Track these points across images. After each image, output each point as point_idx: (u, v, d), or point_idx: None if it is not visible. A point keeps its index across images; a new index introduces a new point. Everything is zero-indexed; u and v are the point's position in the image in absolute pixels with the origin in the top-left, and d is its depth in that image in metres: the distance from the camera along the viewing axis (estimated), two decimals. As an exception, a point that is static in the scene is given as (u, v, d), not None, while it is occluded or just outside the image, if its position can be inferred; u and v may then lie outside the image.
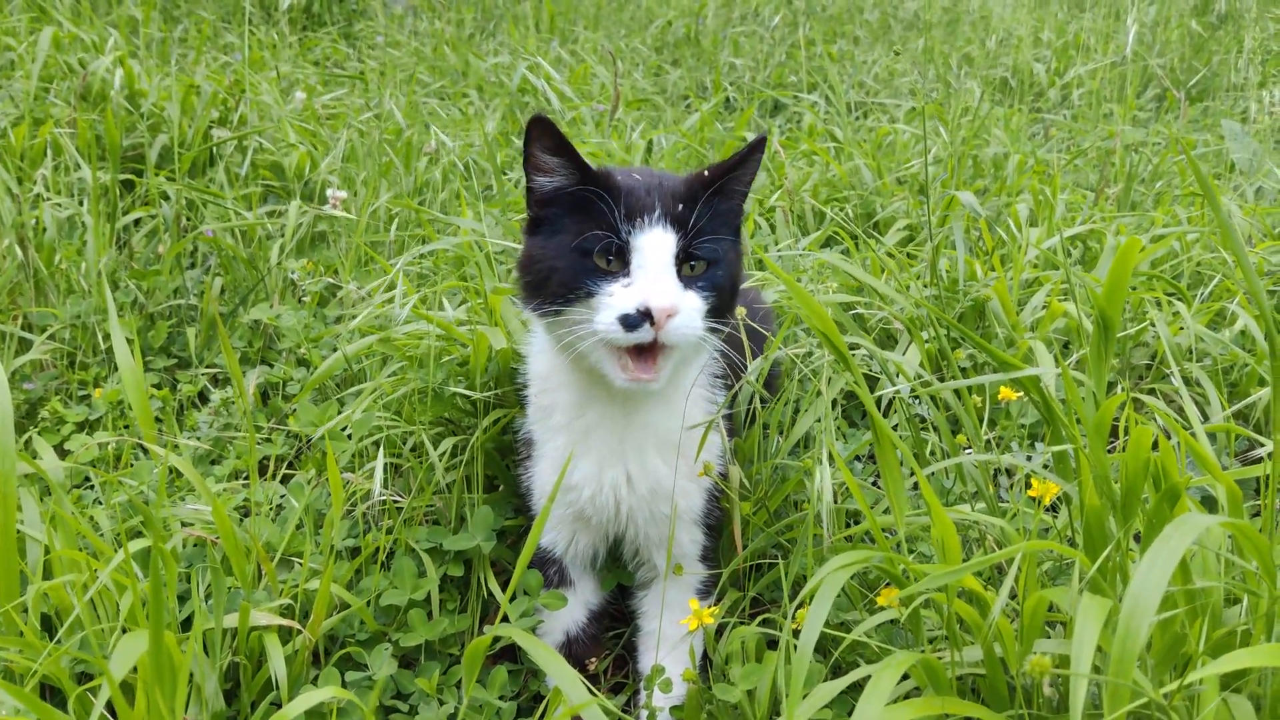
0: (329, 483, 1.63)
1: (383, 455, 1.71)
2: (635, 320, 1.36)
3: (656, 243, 1.40)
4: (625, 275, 1.40)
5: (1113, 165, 3.36)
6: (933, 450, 1.89)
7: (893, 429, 2.04)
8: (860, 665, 1.34)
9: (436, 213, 2.77)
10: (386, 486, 1.86)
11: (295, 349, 2.32)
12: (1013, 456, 1.46)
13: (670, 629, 1.66)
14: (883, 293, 1.92)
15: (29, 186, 2.90)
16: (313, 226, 2.85)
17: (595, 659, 1.72)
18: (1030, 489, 1.39)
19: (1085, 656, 1.00)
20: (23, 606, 1.43)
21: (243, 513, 1.84)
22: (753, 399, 1.82)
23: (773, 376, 1.95)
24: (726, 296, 1.49)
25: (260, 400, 2.29)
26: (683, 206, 1.42)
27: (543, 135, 1.41)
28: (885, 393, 1.61)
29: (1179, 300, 2.31)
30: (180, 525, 1.66)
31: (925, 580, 1.10)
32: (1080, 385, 1.47)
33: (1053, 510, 1.94)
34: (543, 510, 1.39)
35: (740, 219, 1.55)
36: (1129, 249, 1.34)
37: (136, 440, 1.89)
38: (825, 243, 2.86)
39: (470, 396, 1.83)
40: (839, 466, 1.43)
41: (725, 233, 1.48)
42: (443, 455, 1.78)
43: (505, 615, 1.50)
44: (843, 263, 1.61)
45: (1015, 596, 1.41)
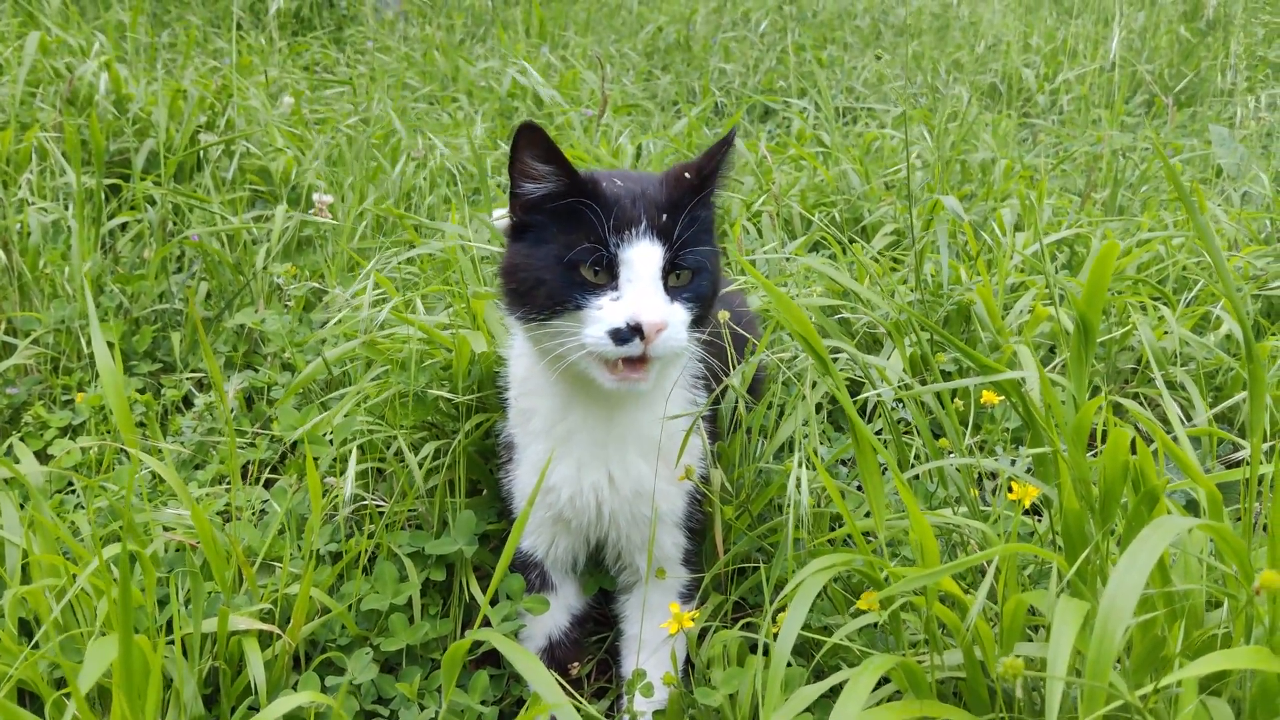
0: (310, 487, 1.63)
1: (354, 460, 1.70)
2: (625, 335, 1.37)
3: (644, 256, 1.41)
4: (613, 289, 1.41)
5: (1099, 170, 3.36)
6: (916, 455, 1.89)
7: (876, 434, 2.05)
8: (842, 670, 1.34)
9: (422, 218, 2.76)
10: (369, 491, 1.86)
11: (280, 353, 2.32)
12: (994, 460, 1.46)
13: (652, 633, 1.66)
14: (865, 297, 1.92)
15: (13, 191, 2.89)
16: (299, 231, 2.84)
17: (577, 664, 1.71)
18: (1011, 493, 1.39)
19: (1062, 658, 1.00)
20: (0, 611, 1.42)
21: (225, 518, 1.84)
22: (737, 403, 1.82)
23: (757, 381, 1.95)
24: (708, 304, 1.51)
25: (245, 405, 2.29)
26: (667, 217, 1.42)
27: (532, 142, 1.40)
28: (867, 395, 1.61)
29: (1164, 305, 2.31)
30: (161, 530, 1.66)
31: (903, 582, 1.10)
32: (1060, 389, 1.47)
33: (1036, 513, 1.94)
34: (521, 513, 1.38)
35: (713, 218, 1.56)
36: (1108, 252, 1.34)
37: (118, 446, 1.88)
38: (812, 247, 2.86)
39: (453, 400, 1.83)
40: (818, 469, 1.43)
41: (706, 238, 1.49)
42: (425, 459, 1.78)
43: (486, 619, 1.49)
44: (826, 267, 1.61)
45: (996, 600, 1.41)
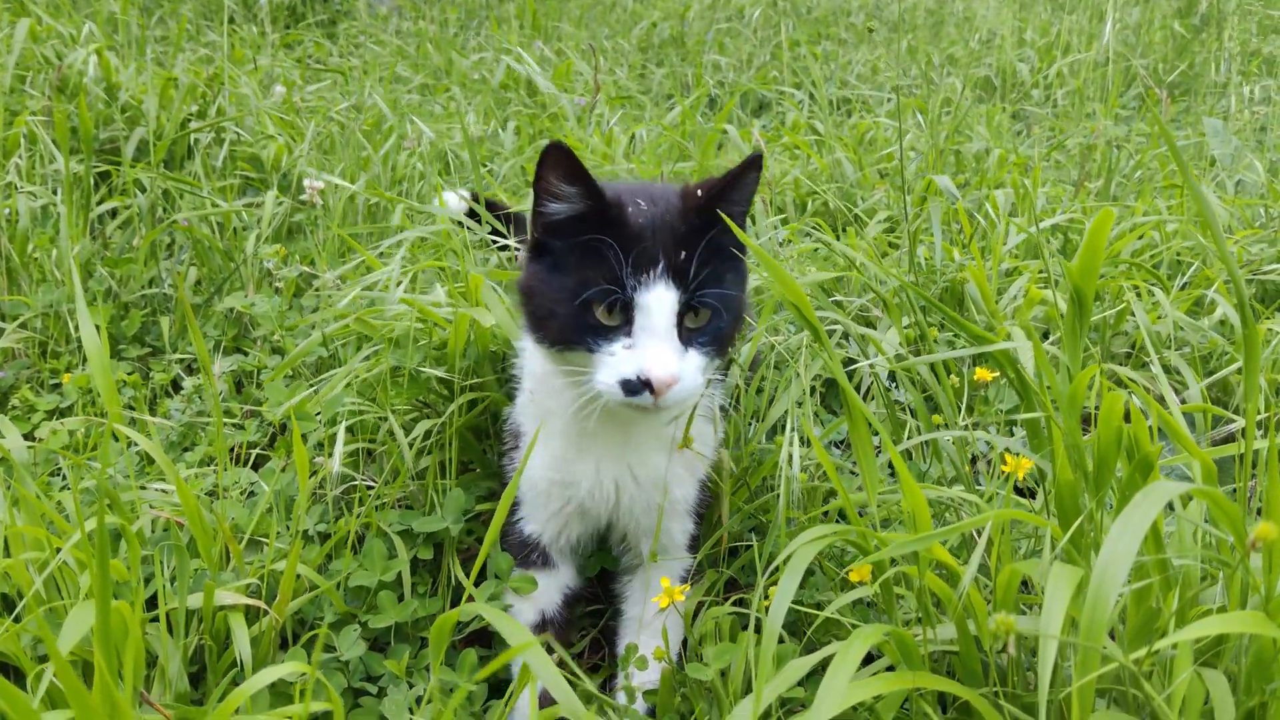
0: (298, 461, 1.61)
1: (341, 437, 1.68)
2: (636, 386, 1.34)
3: (660, 301, 1.36)
4: (627, 333, 1.37)
5: (1094, 160, 3.36)
6: (910, 434, 1.88)
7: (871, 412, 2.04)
8: (834, 645, 1.32)
9: (413, 201, 2.75)
10: (360, 471, 1.84)
11: (269, 336, 2.30)
12: (987, 434, 1.45)
13: (652, 614, 1.65)
14: (859, 263, 1.91)
15: (1, 176, 2.87)
16: (289, 216, 2.82)
17: (571, 642, 1.70)
18: (1005, 465, 1.38)
19: (1055, 621, 0.99)
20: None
21: (212, 498, 1.82)
22: (737, 385, 1.82)
23: (752, 363, 1.94)
24: (729, 340, 1.47)
25: (234, 389, 2.27)
26: (685, 254, 1.38)
27: (559, 162, 1.35)
28: (859, 365, 1.60)
29: (1159, 289, 2.30)
30: (147, 508, 1.64)
31: (893, 547, 1.09)
32: (1054, 360, 1.46)
33: (1030, 495, 1.93)
34: (507, 491, 1.37)
35: (740, 244, 1.47)
36: (1103, 221, 1.33)
37: (103, 419, 1.86)
38: (807, 234, 2.85)
39: (446, 380, 1.81)
40: (812, 442, 1.42)
41: (729, 270, 1.44)
42: (416, 439, 1.76)
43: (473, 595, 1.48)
44: (824, 238, 1.59)
45: (990, 576, 1.39)
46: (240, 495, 1.78)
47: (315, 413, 1.79)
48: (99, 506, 1.00)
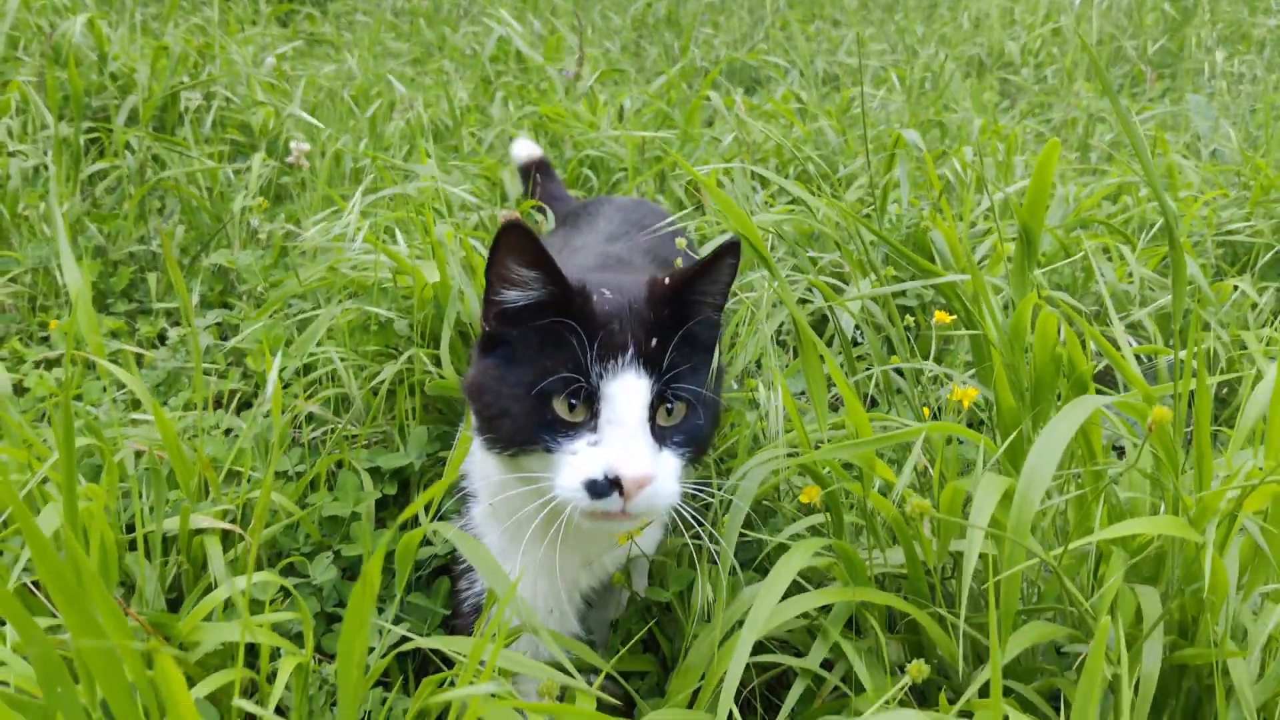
0: (287, 415, 1.66)
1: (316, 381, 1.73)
2: (603, 488, 1.17)
3: (629, 392, 1.21)
4: (591, 429, 1.21)
5: (1074, 132, 3.40)
6: (876, 383, 1.93)
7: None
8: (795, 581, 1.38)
9: (397, 161, 2.80)
10: (337, 414, 1.89)
11: (253, 291, 2.35)
12: (935, 364, 1.49)
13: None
14: (820, 213, 1.95)
15: (-7, 137, 2.92)
16: (276, 179, 2.87)
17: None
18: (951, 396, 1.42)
19: (983, 516, 1.03)
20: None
21: (194, 438, 1.87)
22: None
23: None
24: (706, 443, 1.32)
25: (220, 339, 2.32)
26: (656, 342, 1.23)
27: (518, 245, 1.20)
28: (819, 307, 1.64)
29: (1127, 248, 2.35)
30: (129, 443, 1.68)
31: (828, 450, 1.13)
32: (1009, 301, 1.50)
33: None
34: (455, 454, 1.30)
35: (717, 334, 1.36)
36: (1048, 154, 1.37)
37: (87, 356, 1.90)
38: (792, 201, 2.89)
39: (410, 325, 1.86)
40: (774, 377, 1.46)
41: (703, 362, 1.30)
42: (384, 382, 1.81)
43: (440, 514, 1.53)
44: (781, 180, 1.64)
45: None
46: (221, 436, 1.83)
47: (287, 342, 1.84)
48: (65, 390, 1.04)
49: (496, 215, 2.52)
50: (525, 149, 2.74)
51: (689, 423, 1.27)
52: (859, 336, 1.93)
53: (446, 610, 1.56)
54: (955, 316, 1.67)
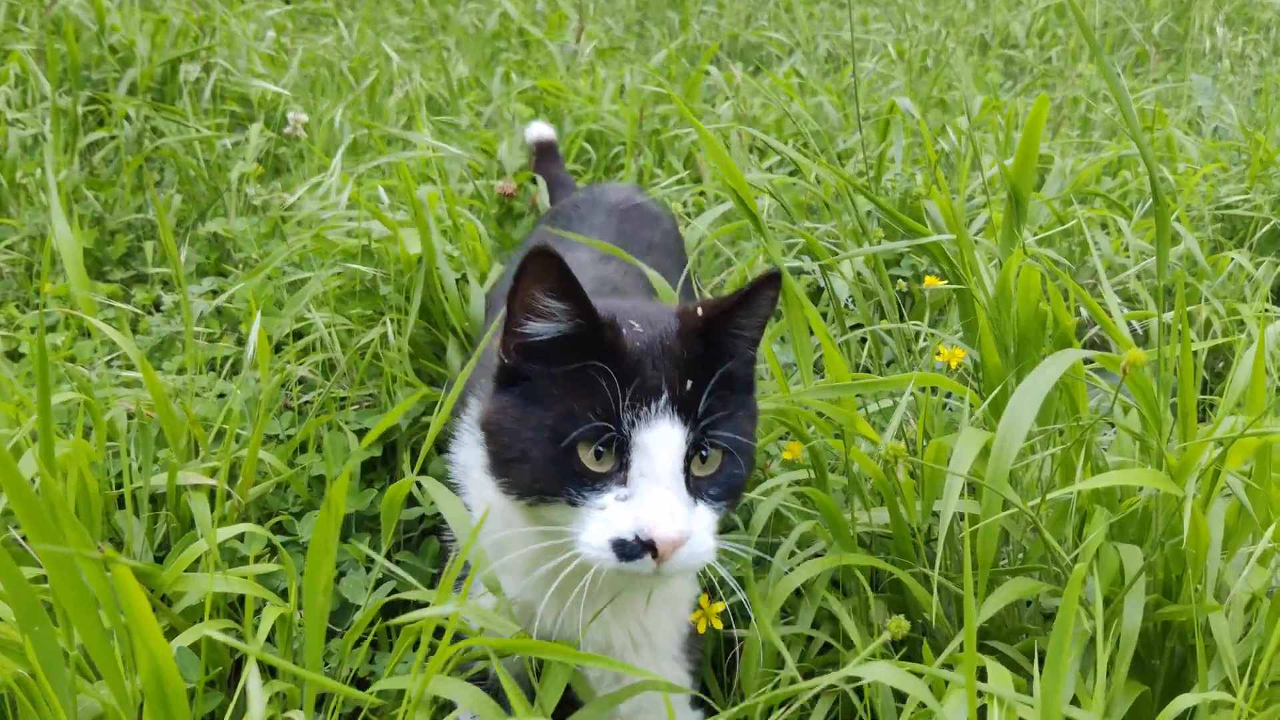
0: (277, 376, 1.67)
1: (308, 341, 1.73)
2: (634, 550, 1.05)
3: (663, 442, 1.09)
4: (620, 482, 1.09)
5: (1076, 109, 3.39)
6: (869, 351, 1.93)
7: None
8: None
9: (391, 128, 2.80)
10: (326, 378, 1.90)
11: (249, 259, 2.35)
12: (922, 325, 1.49)
13: None
14: (814, 174, 1.95)
15: (-8, 107, 2.92)
16: (273, 149, 2.87)
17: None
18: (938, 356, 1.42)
19: (963, 464, 1.04)
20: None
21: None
22: None
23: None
24: (741, 492, 1.19)
25: (214, 309, 2.32)
26: (691, 384, 1.11)
27: (546, 272, 1.08)
28: (801, 268, 1.64)
29: (1123, 220, 2.34)
30: (121, 403, 1.69)
31: (802, 392, 1.13)
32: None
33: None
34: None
35: (753, 372, 1.24)
36: (1038, 112, 1.37)
37: (76, 314, 1.90)
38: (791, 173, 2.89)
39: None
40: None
41: (738, 406, 1.17)
42: (369, 345, 1.82)
43: (424, 469, 1.53)
44: (777, 144, 1.63)
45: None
46: (213, 398, 1.84)
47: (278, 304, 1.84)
48: (38, 326, 1.04)
49: (493, 186, 2.51)
50: (537, 130, 2.74)
51: (726, 473, 1.14)
52: (850, 303, 1.93)
53: (435, 569, 1.56)
54: (945, 281, 1.67)
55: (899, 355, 1.58)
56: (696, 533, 1.08)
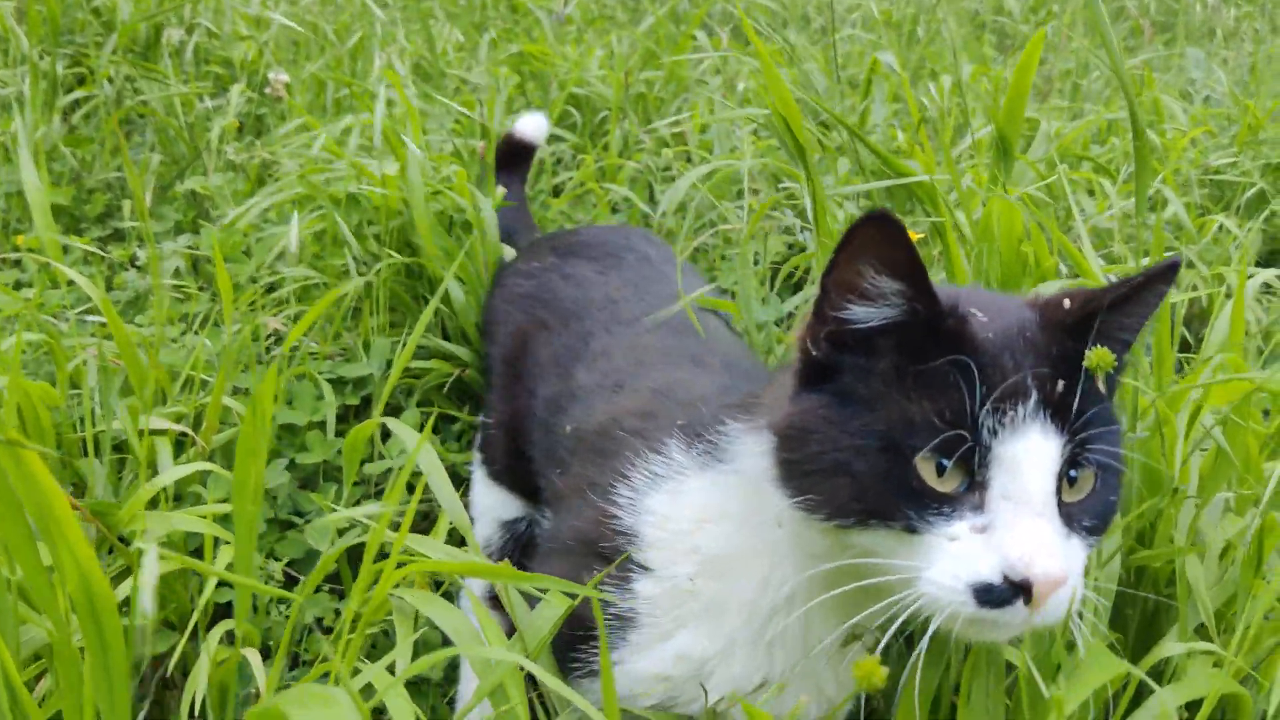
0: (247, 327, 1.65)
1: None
2: (1002, 594, 0.83)
3: (1035, 456, 0.86)
4: (974, 506, 0.87)
5: (1068, 80, 3.37)
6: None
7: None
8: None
9: (369, 84, 2.77)
10: (306, 334, 1.88)
11: (224, 215, 2.33)
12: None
13: None
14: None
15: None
16: (254, 110, 2.85)
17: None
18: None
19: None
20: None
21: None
22: None
23: None
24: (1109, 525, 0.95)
25: (191, 267, 2.30)
26: (1064, 384, 0.89)
27: (880, 242, 0.87)
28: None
29: (1108, 182, 2.32)
30: (87, 351, 1.67)
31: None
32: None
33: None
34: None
35: (1116, 381, 1.01)
36: (1028, 59, 1.35)
37: (45, 260, 1.88)
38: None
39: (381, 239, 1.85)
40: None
41: (1113, 416, 0.95)
42: (348, 295, 1.80)
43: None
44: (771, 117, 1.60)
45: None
46: (181, 348, 1.81)
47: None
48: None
49: (474, 146, 2.48)
50: (528, 126, 2.26)
51: (1099, 498, 0.91)
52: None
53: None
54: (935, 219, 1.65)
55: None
56: (1074, 575, 0.86)
